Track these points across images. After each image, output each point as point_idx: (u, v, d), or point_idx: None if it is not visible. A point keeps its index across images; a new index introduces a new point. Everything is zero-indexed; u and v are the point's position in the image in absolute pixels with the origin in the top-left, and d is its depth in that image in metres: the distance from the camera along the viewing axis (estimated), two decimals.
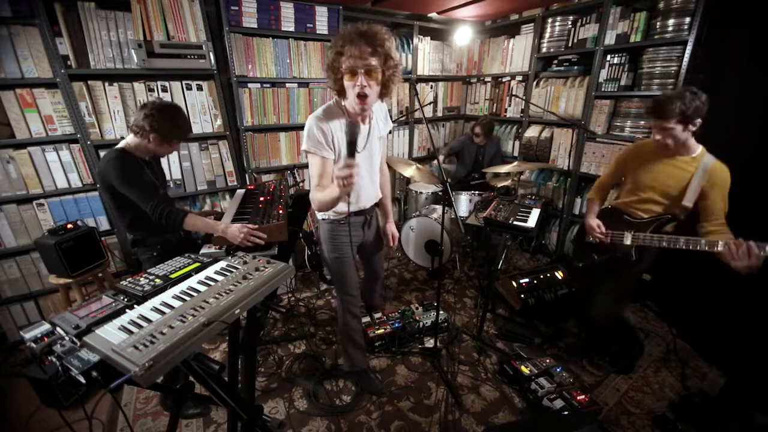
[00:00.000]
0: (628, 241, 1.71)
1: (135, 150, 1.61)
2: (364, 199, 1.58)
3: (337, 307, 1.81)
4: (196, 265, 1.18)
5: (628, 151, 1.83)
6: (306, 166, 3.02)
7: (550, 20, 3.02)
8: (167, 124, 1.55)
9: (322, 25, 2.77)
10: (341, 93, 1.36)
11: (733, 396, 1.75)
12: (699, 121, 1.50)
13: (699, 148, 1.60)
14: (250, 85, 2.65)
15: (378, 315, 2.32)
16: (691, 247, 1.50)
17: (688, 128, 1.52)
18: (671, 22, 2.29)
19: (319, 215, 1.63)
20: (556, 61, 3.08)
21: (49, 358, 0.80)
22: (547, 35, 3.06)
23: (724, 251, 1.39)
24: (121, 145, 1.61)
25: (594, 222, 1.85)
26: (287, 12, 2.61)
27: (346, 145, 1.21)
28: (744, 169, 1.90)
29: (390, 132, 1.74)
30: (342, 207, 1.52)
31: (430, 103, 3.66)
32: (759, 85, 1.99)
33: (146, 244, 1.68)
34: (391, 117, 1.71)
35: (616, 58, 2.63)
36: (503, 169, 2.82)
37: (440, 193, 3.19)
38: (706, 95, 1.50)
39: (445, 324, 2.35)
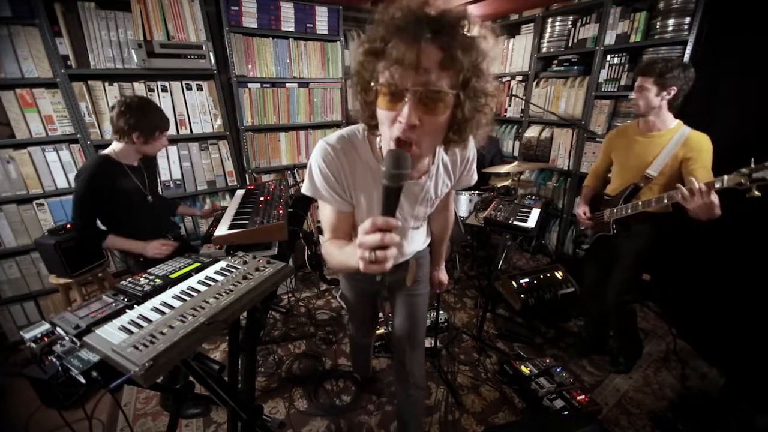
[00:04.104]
0: (606, 217, 1.80)
1: (120, 156, 1.59)
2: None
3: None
4: (196, 265, 1.18)
5: (611, 135, 1.90)
6: (307, 166, 3.01)
7: (550, 20, 3.02)
8: (144, 119, 1.53)
9: (322, 25, 2.77)
10: (372, 127, 0.79)
11: (733, 396, 1.75)
12: (674, 89, 1.54)
13: (674, 123, 1.64)
14: (250, 85, 2.65)
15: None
16: (647, 207, 1.59)
17: (662, 95, 1.55)
18: (671, 22, 2.29)
19: None
20: (556, 61, 3.08)
21: (49, 358, 0.80)
22: (547, 35, 3.06)
23: (677, 197, 1.41)
24: (106, 151, 1.59)
25: (581, 209, 1.95)
26: (287, 12, 2.61)
27: (382, 197, 0.64)
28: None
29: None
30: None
31: None
32: (759, 86, 1.99)
33: None
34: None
35: (616, 58, 2.62)
36: (503, 169, 2.82)
37: None
38: (693, 71, 1.54)
39: (445, 324, 2.35)
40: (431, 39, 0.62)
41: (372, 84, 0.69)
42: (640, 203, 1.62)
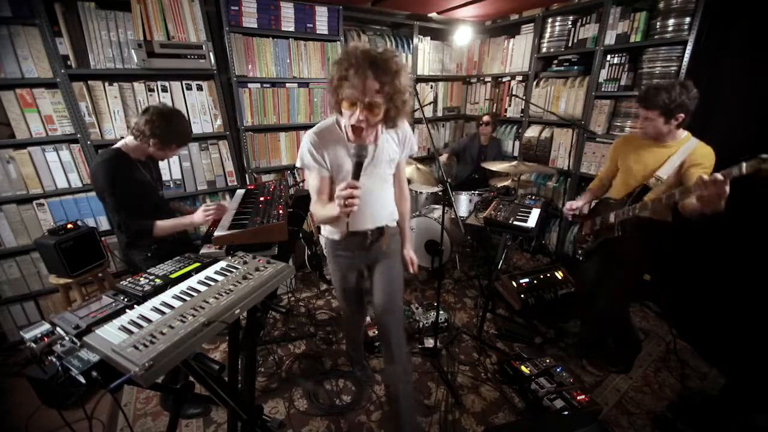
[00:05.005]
0: (612, 219, 1.79)
1: (132, 151, 1.60)
2: (361, 221, 1.44)
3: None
4: (196, 265, 1.18)
5: (617, 143, 1.90)
6: None
7: (550, 20, 3.02)
8: (168, 131, 1.55)
9: (322, 25, 2.77)
10: (339, 112, 1.25)
11: (733, 396, 1.75)
12: (682, 116, 1.54)
13: (684, 134, 1.64)
14: (250, 85, 2.65)
15: None
16: (657, 206, 1.56)
17: (670, 122, 1.56)
18: (671, 22, 2.29)
19: (322, 231, 1.60)
20: (556, 61, 3.08)
21: (49, 358, 0.80)
22: (547, 35, 3.06)
23: (686, 194, 1.41)
24: (118, 145, 1.60)
25: (574, 204, 1.99)
26: (287, 12, 2.61)
27: (353, 166, 1.14)
28: None
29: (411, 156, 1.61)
30: (340, 226, 1.46)
31: (430, 103, 3.66)
32: (759, 86, 1.99)
33: (140, 245, 1.67)
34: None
35: (616, 58, 2.63)
36: (503, 168, 2.81)
37: (440, 193, 3.19)
38: (696, 90, 1.53)
39: (445, 324, 2.35)
40: (372, 75, 1.09)
41: (340, 96, 1.16)
42: (649, 202, 1.60)
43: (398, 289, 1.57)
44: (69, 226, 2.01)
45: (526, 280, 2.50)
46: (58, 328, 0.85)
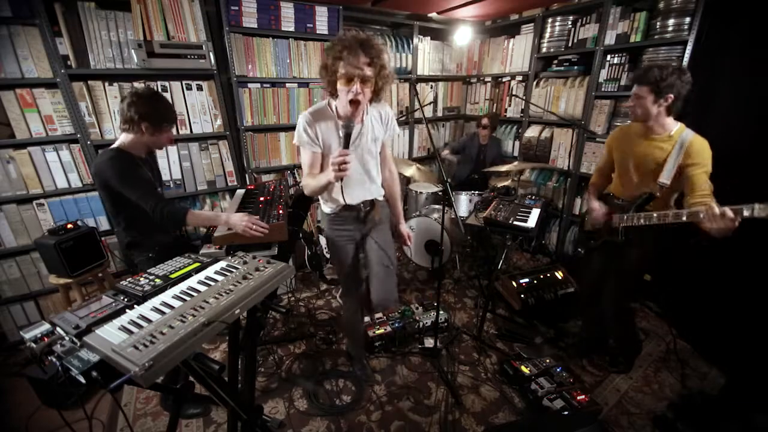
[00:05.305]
0: (616, 223, 1.75)
1: (131, 148, 1.58)
2: (352, 196, 1.60)
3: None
4: (196, 265, 1.17)
5: (613, 134, 1.88)
6: None
7: (550, 20, 3.02)
8: (153, 108, 1.53)
9: (322, 25, 2.77)
10: (333, 93, 1.45)
11: (733, 396, 1.75)
12: (671, 97, 1.51)
13: (676, 126, 1.60)
14: (250, 85, 2.65)
15: (378, 315, 2.31)
16: (662, 221, 1.53)
17: (659, 102, 1.54)
18: (671, 22, 2.29)
19: (322, 207, 1.74)
20: (556, 61, 3.08)
21: (49, 358, 0.80)
22: (547, 35, 3.06)
23: (695, 219, 1.38)
24: (116, 144, 1.58)
25: (595, 204, 1.88)
26: (287, 12, 2.61)
27: (342, 136, 1.37)
28: (743, 170, 1.91)
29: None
30: (335, 199, 1.61)
31: (430, 103, 3.66)
32: (759, 86, 1.99)
33: (143, 245, 1.66)
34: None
35: (616, 58, 2.63)
36: (503, 168, 2.81)
37: (440, 193, 3.19)
38: (689, 75, 1.51)
39: (445, 324, 2.35)
40: (363, 53, 1.32)
41: (336, 73, 1.37)
42: (655, 215, 1.55)
43: (391, 244, 1.80)
44: (69, 226, 2.01)
45: (526, 280, 2.50)
46: (58, 328, 0.85)
